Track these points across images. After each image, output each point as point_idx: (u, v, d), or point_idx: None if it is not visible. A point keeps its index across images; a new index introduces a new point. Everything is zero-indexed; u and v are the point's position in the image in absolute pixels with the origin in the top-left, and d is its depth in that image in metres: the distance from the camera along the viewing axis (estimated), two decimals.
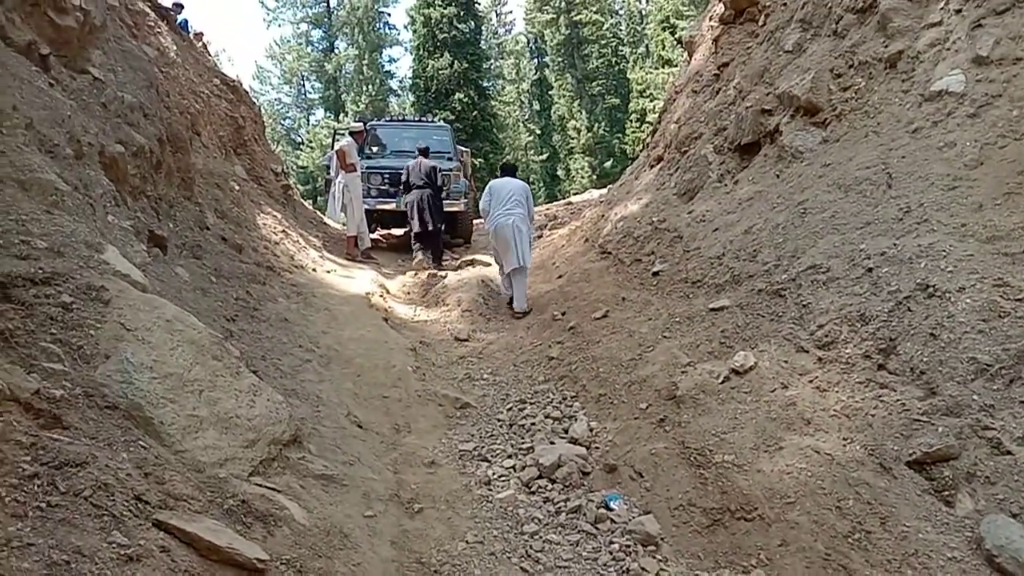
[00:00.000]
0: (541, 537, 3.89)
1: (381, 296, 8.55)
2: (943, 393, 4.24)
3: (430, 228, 11.01)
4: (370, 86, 43.30)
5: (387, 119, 17.92)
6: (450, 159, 13.17)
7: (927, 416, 4.19)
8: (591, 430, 5.22)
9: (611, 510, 4.15)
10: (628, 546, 3.79)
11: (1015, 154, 5.18)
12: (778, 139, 7.18)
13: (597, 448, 5.00)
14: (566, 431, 5.27)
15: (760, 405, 4.73)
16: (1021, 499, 3.71)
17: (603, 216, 9.83)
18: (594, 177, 35.81)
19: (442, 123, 16.83)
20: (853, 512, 3.77)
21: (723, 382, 5.08)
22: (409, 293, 9.80)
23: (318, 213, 14.54)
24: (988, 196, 5.09)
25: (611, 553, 3.74)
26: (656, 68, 36.28)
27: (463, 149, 15.48)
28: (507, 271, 8.70)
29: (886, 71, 6.53)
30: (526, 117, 45.17)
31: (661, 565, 3.62)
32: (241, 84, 12.44)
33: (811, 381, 4.76)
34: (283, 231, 9.41)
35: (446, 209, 11.64)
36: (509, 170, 9.24)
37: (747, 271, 6.12)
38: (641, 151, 12.04)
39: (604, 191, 13.30)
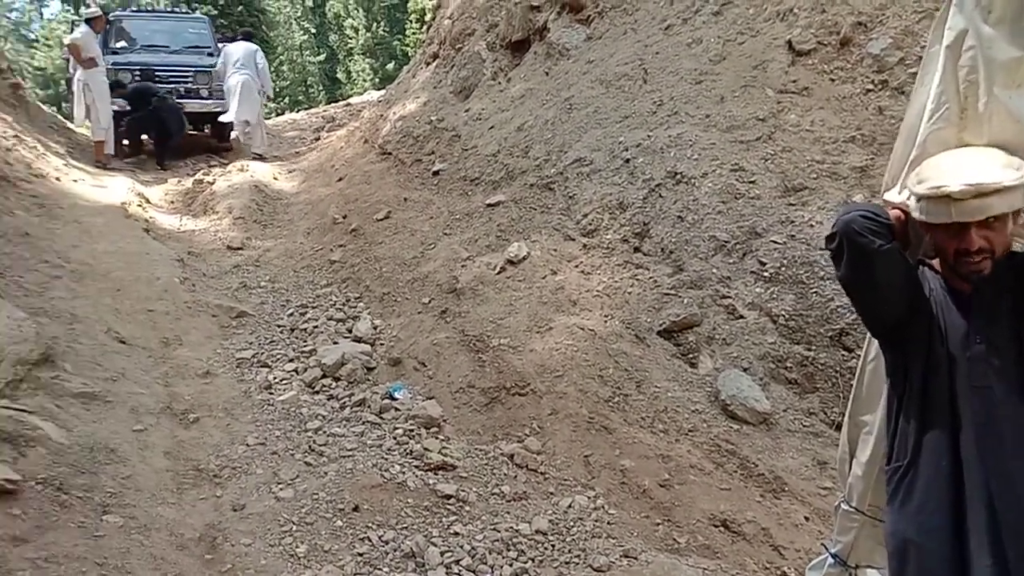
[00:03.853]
0: (325, 432, 3.91)
1: (140, 206, 7.79)
2: (688, 269, 4.76)
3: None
4: None
5: (134, 9, 15.98)
6: (210, 55, 12.03)
7: (675, 290, 4.70)
8: (375, 328, 5.24)
9: (395, 399, 4.25)
10: (412, 430, 3.93)
11: (751, 50, 5.74)
12: (547, 36, 7.35)
13: (382, 344, 5.05)
14: (350, 331, 5.25)
15: (532, 291, 5.02)
16: (750, 356, 4.33)
17: (382, 116, 9.58)
18: (376, 80, 34.33)
19: (199, 15, 15.23)
20: (613, 379, 4.19)
21: (499, 272, 5.30)
22: (173, 202, 9.00)
23: (61, 118, 12.72)
24: (728, 89, 5.63)
25: (395, 438, 3.86)
26: None
27: None
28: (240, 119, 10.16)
29: None
30: (299, 15, 41.97)
31: (443, 443, 3.81)
32: None
33: (577, 266, 5.12)
34: (15, 136, 8.14)
35: (206, 110, 10.72)
36: (246, 35, 11.18)
37: (520, 167, 6.33)
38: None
39: (383, 92, 12.90)
